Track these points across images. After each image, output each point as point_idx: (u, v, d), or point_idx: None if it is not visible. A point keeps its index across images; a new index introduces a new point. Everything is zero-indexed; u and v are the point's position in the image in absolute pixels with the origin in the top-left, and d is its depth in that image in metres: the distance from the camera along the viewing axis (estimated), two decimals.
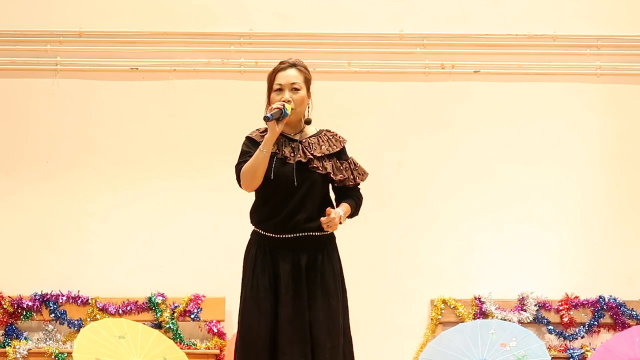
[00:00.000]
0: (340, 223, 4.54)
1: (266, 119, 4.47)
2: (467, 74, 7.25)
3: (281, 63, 4.64)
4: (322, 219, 4.47)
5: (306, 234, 4.55)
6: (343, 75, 6.94)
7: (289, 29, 7.21)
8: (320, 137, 4.68)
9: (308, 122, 4.69)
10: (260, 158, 4.56)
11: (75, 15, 7.19)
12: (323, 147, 4.62)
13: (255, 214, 4.67)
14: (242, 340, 4.56)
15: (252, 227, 4.76)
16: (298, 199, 4.55)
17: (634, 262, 7.22)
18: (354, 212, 4.66)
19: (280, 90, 4.57)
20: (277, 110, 4.51)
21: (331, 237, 4.65)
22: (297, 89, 4.56)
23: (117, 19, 7.20)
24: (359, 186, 4.71)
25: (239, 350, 4.57)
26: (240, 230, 6.54)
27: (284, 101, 4.52)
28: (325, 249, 4.63)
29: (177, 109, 7.27)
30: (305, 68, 4.67)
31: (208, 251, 7.17)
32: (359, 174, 4.66)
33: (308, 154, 4.60)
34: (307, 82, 4.64)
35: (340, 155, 4.67)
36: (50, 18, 7.20)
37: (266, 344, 4.50)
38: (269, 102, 4.64)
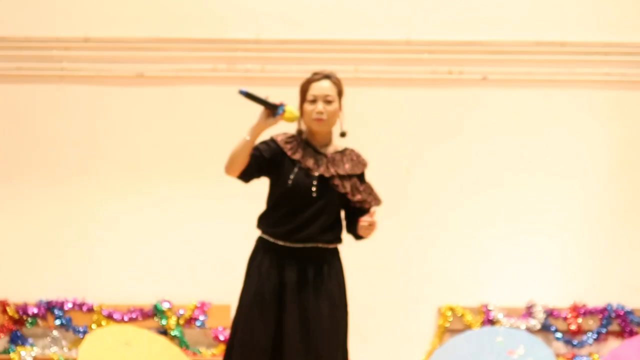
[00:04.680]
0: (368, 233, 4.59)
1: (243, 93, 4.53)
2: (474, 81, 7.17)
3: (315, 74, 4.63)
4: (365, 219, 4.48)
5: (315, 245, 4.54)
6: (350, 81, 6.83)
7: (296, 34, 7.16)
8: (345, 155, 4.66)
9: (343, 134, 4.66)
10: (242, 144, 4.62)
11: (81, 22, 7.15)
12: (347, 165, 4.60)
13: (265, 220, 4.64)
14: (242, 346, 4.52)
15: (258, 234, 4.69)
16: (313, 211, 4.54)
17: None
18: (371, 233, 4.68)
19: (314, 101, 4.56)
20: (274, 103, 4.51)
21: (336, 250, 4.65)
22: (330, 102, 4.56)
23: (123, 25, 7.16)
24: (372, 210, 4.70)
25: (235, 354, 4.54)
26: (246, 239, 6.63)
27: (280, 103, 4.53)
28: (331, 261, 4.62)
29: (183, 115, 7.23)
30: (339, 81, 4.64)
31: (214, 259, 7.12)
32: (374, 199, 4.66)
33: (332, 170, 4.58)
34: (340, 95, 4.64)
35: (361, 177, 4.65)
36: (56, 24, 7.15)
37: (267, 350, 4.47)
38: (301, 113, 4.64)
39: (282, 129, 4.75)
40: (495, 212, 7.17)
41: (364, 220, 4.52)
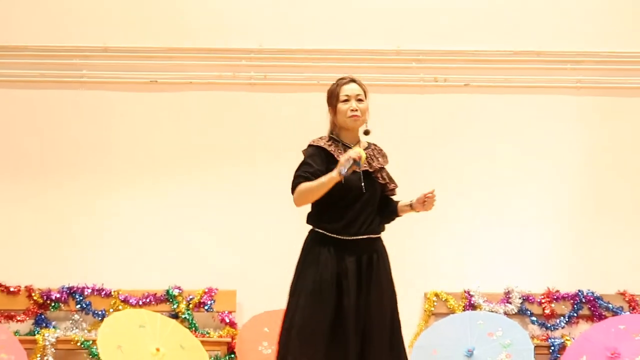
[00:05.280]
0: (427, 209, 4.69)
1: (340, 173, 4.36)
2: (458, 87, 7.33)
3: (342, 79, 4.66)
4: (426, 194, 4.62)
5: (366, 236, 4.58)
6: None
7: (296, 45, 7.27)
8: (374, 150, 4.74)
9: (367, 133, 4.71)
10: (321, 185, 4.53)
11: (100, 32, 7.29)
12: (380, 159, 4.70)
13: (319, 216, 4.67)
14: (302, 328, 4.53)
15: (310, 228, 4.67)
16: (362, 204, 4.58)
17: (610, 259, 7.26)
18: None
19: (347, 100, 4.59)
20: (350, 165, 4.39)
21: (381, 239, 4.67)
22: (361, 100, 4.60)
23: (138, 36, 7.29)
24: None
25: (294, 337, 4.54)
26: (249, 230, 7.57)
27: (357, 157, 4.41)
28: (380, 249, 4.65)
29: (192, 118, 7.36)
30: (362, 84, 4.68)
31: (221, 249, 7.23)
32: (395, 185, 4.74)
33: (374, 164, 4.66)
34: (366, 94, 4.67)
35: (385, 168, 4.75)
36: (76, 34, 7.30)
37: (325, 333, 4.51)
38: (335, 112, 4.63)
39: (312, 133, 4.78)
40: (477, 208, 7.29)
41: (423, 196, 4.64)
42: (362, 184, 4.58)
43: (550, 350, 6.89)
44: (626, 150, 7.39)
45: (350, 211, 4.58)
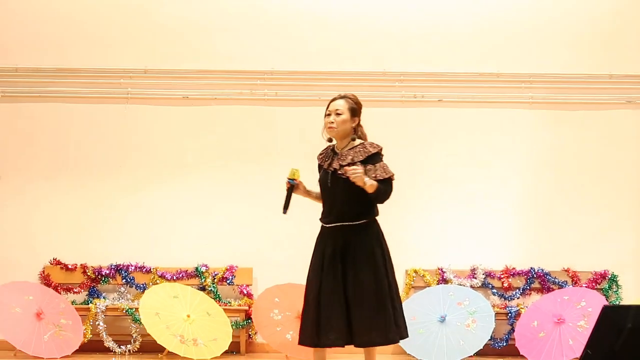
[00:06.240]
0: (364, 184, 4.52)
1: (285, 211, 4.69)
2: (433, 102, 7.53)
3: (336, 97, 4.80)
4: (348, 167, 4.55)
5: (340, 224, 4.73)
6: None
7: (301, 67, 7.50)
8: (354, 148, 4.74)
9: (354, 138, 4.74)
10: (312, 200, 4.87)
11: (141, 57, 7.54)
12: (350, 157, 4.71)
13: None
14: (306, 293, 4.83)
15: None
16: (333, 198, 4.74)
17: (557, 242, 7.49)
18: (377, 190, 4.62)
19: (329, 114, 4.73)
20: (289, 189, 4.67)
21: (364, 225, 4.70)
22: (339, 114, 4.70)
23: (173, 60, 7.52)
24: (385, 181, 4.67)
25: (304, 302, 4.83)
26: (264, 218, 7.32)
27: (289, 179, 4.69)
28: (359, 234, 4.69)
29: (217, 128, 7.55)
30: (353, 99, 4.75)
31: (240, 233, 7.46)
32: (379, 173, 4.67)
33: (337, 163, 4.74)
34: (352, 109, 4.73)
35: (369, 161, 4.69)
36: (122, 59, 7.53)
37: (315, 298, 4.74)
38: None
39: (315, 140, 5.04)
40: (448, 200, 7.54)
41: (345, 168, 4.57)
42: (328, 181, 4.73)
43: (508, 317, 7.15)
44: (569, 153, 7.56)
45: (326, 204, 4.78)
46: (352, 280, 4.63)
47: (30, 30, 7.51)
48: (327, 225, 4.74)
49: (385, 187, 4.66)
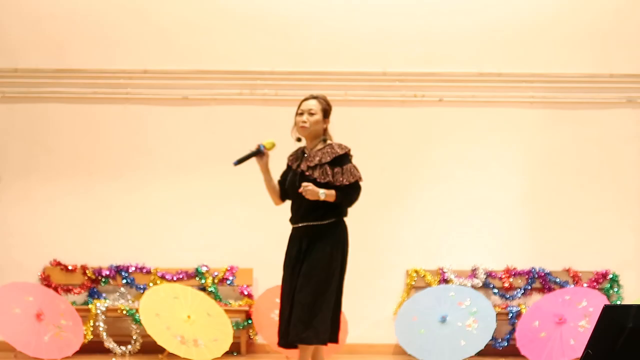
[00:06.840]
0: (319, 198, 4.62)
1: (236, 163, 4.69)
2: (433, 102, 7.52)
3: (308, 97, 4.87)
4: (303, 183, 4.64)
5: (304, 224, 4.82)
6: (341, 103, 7.05)
7: (300, 68, 7.49)
8: (323, 149, 4.80)
9: (324, 140, 4.83)
10: (265, 183, 4.92)
11: (141, 58, 7.53)
12: (317, 158, 4.77)
13: None
14: (281, 294, 4.97)
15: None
16: (300, 198, 4.78)
17: (558, 242, 7.47)
18: (338, 199, 4.71)
19: (301, 114, 4.80)
20: (255, 150, 4.70)
21: (329, 225, 4.75)
22: (312, 114, 4.77)
23: (172, 60, 7.51)
24: (348, 186, 4.73)
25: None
26: (263, 219, 7.24)
27: (261, 144, 4.75)
28: (324, 234, 4.76)
29: (217, 128, 7.54)
30: (325, 100, 4.82)
31: (240, 234, 7.44)
32: (346, 177, 4.70)
33: (304, 165, 4.81)
34: (325, 110, 4.79)
35: (336, 163, 4.75)
36: (122, 59, 7.53)
37: (281, 299, 4.95)
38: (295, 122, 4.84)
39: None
40: (449, 200, 7.50)
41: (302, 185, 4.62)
42: (297, 182, 4.77)
43: (509, 317, 7.13)
44: (570, 152, 7.54)
45: (294, 204, 4.85)
46: (301, 279, 4.70)
47: (30, 30, 7.54)
48: (294, 226, 4.82)
49: (349, 191, 4.69)
